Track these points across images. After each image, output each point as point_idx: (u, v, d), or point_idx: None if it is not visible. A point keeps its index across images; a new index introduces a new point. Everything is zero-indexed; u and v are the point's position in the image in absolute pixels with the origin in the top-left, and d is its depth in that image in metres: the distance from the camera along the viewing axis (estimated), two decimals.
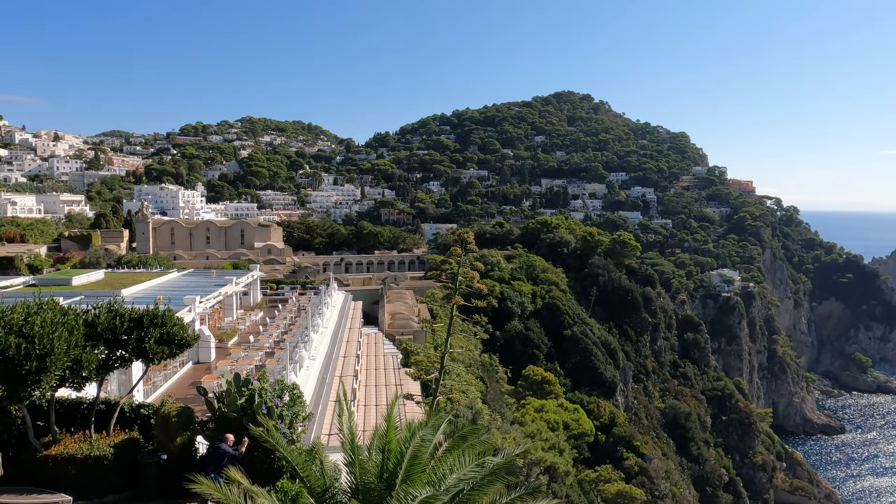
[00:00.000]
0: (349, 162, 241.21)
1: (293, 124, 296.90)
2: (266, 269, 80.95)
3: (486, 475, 8.99)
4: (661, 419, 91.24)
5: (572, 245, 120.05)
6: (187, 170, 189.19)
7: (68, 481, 12.81)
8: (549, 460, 45.81)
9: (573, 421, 62.05)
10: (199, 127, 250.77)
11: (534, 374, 71.27)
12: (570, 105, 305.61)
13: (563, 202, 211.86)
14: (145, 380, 21.08)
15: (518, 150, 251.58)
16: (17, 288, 32.00)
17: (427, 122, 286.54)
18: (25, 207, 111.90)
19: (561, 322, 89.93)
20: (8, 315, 11.74)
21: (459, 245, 28.04)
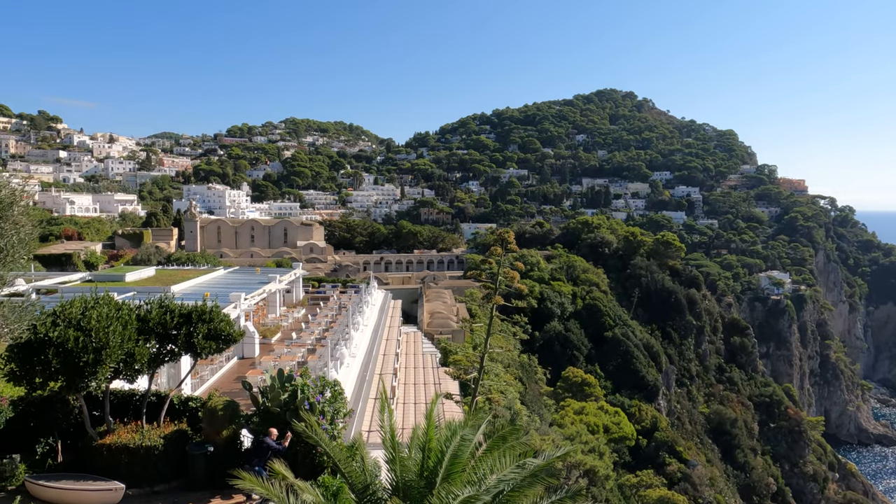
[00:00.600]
0: (389, 162, 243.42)
1: (335, 125, 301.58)
2: (308, 268, 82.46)
3: (526, 476, 8.91)
4: (705, 425, 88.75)
5: (614, 245, 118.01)
6: (233, 170, 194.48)
7: (121, 469, 13.30)
8: (588, 463, 45.13)
9: (614, 424, 60.98)
10: (244, 128, 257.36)
11: (573, 375, 70.38)
12: (612, 103, 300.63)
13: (604, 202, 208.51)
14: (193, 374, 21.75)
15: (559, 149, 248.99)
16: (74, 283, 33.45)
17: (467, 122, 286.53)
18: (83, 206, 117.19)
19: (602, 323, 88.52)
20: (67, 309, 12.27)
21: (500, 245, 27.90)
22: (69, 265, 69.97)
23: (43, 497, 12.62)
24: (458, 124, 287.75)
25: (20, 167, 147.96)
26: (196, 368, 22.95)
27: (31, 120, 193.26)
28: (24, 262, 7.94)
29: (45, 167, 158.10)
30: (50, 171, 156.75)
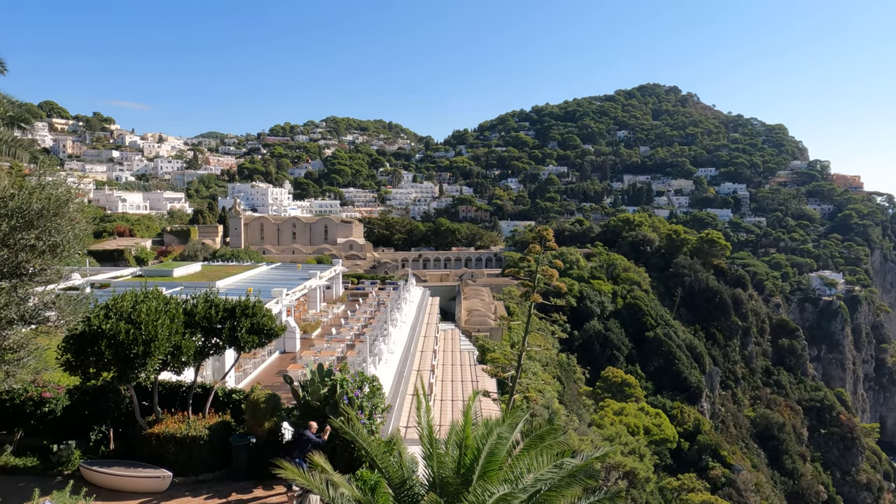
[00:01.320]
0: (428, 159, 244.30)
1: (374, 123, 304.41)
2: (347, 264, 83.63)
3: (564, 477, 8.81)
4: (750, 429, 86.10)
5: (656, 243, 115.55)
6: (276, 168, 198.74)
7: (168, 458, 13.77)
8: (628, 465, 44.36)
9: (655, 426, 59.75)
10: (286, 127, 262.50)
11: (613, 375, 69.30)
12: (655, 98, 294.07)
13: (646, 199, 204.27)
14: (237, 367, 22.30)
15: (599, 145, 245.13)
16: (125, 278, 34.78)
17: (506, 119, 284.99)
18: (134, 204, 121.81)
19: (643, 323, 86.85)
20: (119, 303, 12.77)
21: (538, 242, 27.66)
22: (121, 260, 72.89)
23: (96, 482, 13.18)
24: (496, 121, 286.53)
25: (76, 166, 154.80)
26: (239, 362, 23.54)
27: (87, 121, 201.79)
28: (79, 257, 8.30)
29: (100, 166, 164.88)
30: (104, 170, 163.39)
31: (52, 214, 7.06)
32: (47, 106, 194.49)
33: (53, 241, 7.19)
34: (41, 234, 7.05)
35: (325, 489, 9.00)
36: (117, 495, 12.90)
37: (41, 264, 7.17)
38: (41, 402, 14.71)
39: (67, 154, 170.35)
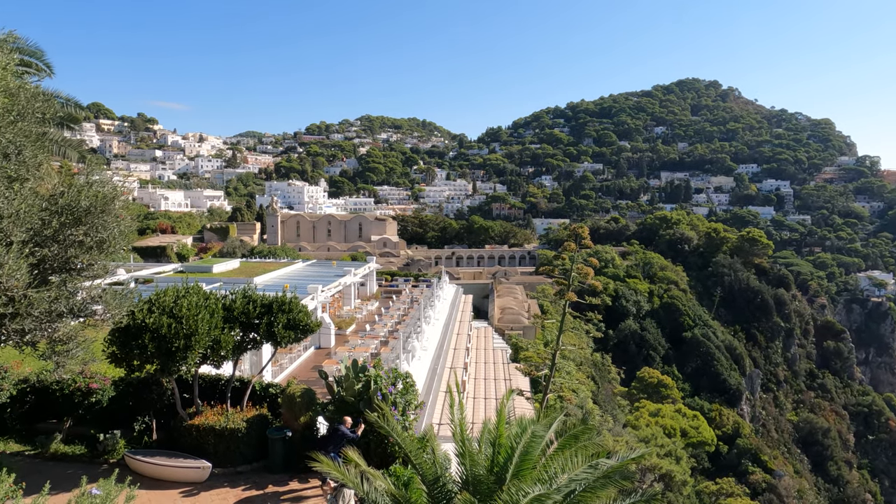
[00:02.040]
0: (461, 157, 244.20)
1: (408, 121, 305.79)
2: (381, 262, 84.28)
3: (598, 477, 8.69)
4: (793, 433, 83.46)
5: (694, 242, 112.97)
6: (311, 167, 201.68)
7: (208, 449, 14.11)
8: (664, 467, 43.55)
9: (692, 428, 58.49)
10: (322, 126, 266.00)
11: (649, 376, 68.09)
12: (694, 93, 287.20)
13: (684, 196, 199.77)
14: (273, 361, 22.74)
15: (636, 141, 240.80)
16: (168, 273, 35.81)
17: (540, 116, 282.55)
18: (175, 202, 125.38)
19: (680, 323, 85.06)
20: (161, 298, 13.14)
21: (573, 240, 27.34)
22: (163, 257, 75.13)
23: (139, 471, 13.61)
24: (531, 118, 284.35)
25: (122, 166, 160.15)
26: (276, 356, 23.98)
27: (132, 122, 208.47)
28: (123, 253, 8.58)
29: (143, 165, 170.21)
30: (147, 169, 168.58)
31: (100, 212, 7.31)
32: (95, 107, 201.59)
33: (100, 237, 7.45)
34: (89, 230, 7.32)
35: (359, 483, 9.09)
36: (159, 484, 13.29)
37: (89, 260, 7.44)
38: (89, 393, 15.26)
39: (113, 154, 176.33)
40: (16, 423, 15.56)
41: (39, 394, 15.53)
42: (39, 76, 14.41)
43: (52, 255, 7.10)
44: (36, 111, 7.16)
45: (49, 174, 7.79)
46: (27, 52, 13.68)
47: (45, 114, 7.49)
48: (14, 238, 5.91)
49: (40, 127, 7.32)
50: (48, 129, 7.62)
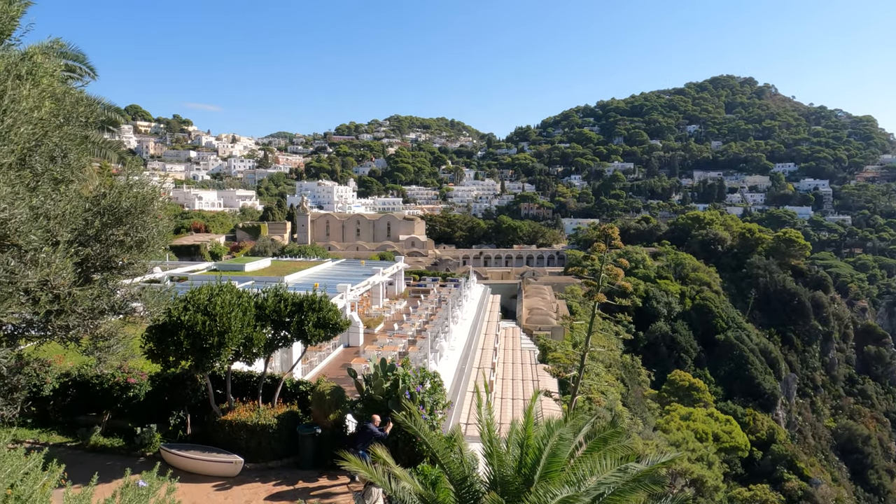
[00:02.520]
0: (490, 157, 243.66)
1: (437, 121, 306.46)
2: (409, 261, 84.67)
3: (628, 481, 8.60)
4: (831, 440, 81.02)
5: (728, 242, 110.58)
6: (341, 167, 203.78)
7: (240, 444, 14.40)
8: (695, 472, 42.72)
9: (725, 433, 57.25)
10: (351, 126, 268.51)
11: (680, 379, 66.91)
12: (728, 90, 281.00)
13: (718, 196, 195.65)
14: (303, 359, 23.05)
15: (668, 140, 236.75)
16: (201, 272, 36.61)
17: (569, 115, 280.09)
18: (209, 202, 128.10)
19: (713, 325, 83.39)
20: (196, 295, 13.47)
21: (603, 240, 27.05)
22: (197, 255, 76.86)
23: (174, 464, 13.97)
24: (560, 117, 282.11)
25: (158, 166, 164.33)
26: (306, 354, 24.31)
27: (167, 123, 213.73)
28: (161, 252, 8.84)
29: (178, 166, 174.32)
30: (182, 169, 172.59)
31: (139, 212, 7.57)
32: (132, 109, 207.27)
33: (140, 237, 7.71)
34: (129, 230, 7.58)
35: (387, 482, 9.18)
36: (193, 477, 13.62)
37: (129, 259, 7.71)
38: (127, 388, 15.74)
39: (150, 154, 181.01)
40: (58, 415, 16.15)
41: (80, 387, 16.09)
42: (83, 81, 14.94)
43: (94, 255, 7.37)
44: (80, 115, 7.45)
45: (92, 176, 8.07)
46: (71, 58, 14.21)
47: (88, 118, 7.79)
48: (60, 238, 6.16)
49: (84, 130, 7.61)
50: (91, 132, 7.93)
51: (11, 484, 3.53)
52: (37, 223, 5.59)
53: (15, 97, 5.06)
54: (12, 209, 5.02)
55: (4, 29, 6.87)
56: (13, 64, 6.02)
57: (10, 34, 7.00)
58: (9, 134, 4.93)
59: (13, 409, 7.26)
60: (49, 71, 6.57)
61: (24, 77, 5.82)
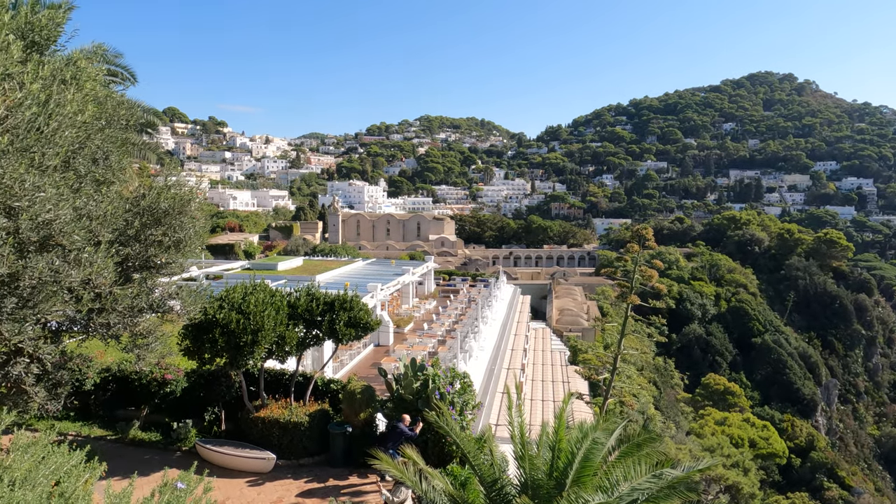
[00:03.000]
0: (520, 156, 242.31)
1: (467, 121, 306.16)
2: (439, 261, 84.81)
3: (662, 487, 8.42)
4: (875, 448, 78.18)
5: (765, 243, 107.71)
6: (371, 167, 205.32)
7: (272, 441, 14.60)
8: (730, 479, 41.71)
9: (762, 439, 55.79)
10: (382, 127, 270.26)
11: (715, 382, 65.42)
12: (766, 87, 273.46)
13: (755, 195, 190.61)
14: (334, 358, 23.27)
15: (703, 139, 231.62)
16: (235, 271, 37.30)
17: (601, 113, 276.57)
18: (243, 202, 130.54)
19: (749, 328, 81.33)
20: (231, 294, 13.72)
21: (637, 241, 26.61)
22: (231, 254, 78.42)
23: (209, 459, 14.25)
24: (591, 116, 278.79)
25: (194, 167, 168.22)
26: (337, 353, 24.55)
27: (203, 125, 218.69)
28: (197, 252, 9.02)
29: (214, 167, 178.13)
30: (217, 170, 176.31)
31: (177, 213, 7.75)
32: (170, 111, 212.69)
33: (178, 237, 7.88)
34: (168, 230, 7.76)
35: (417, 481, 9.18)
36: (227, 473, 13.87)
37: (167, 258, 7.89)
38: (164, 384, 16.14)
39: (187, 155, 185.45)
40: (99, 409, 16.66)
41: (120, 383, 16.56)
42: (124, 84, 15.38)
43: (134, 254, 7.57)
44: (121, 118, 7.66)
45: (132, 177, 8.31)
46: (112, 63, 14.67)
47: (128, 120, 7.99)
48: (102, 238, 6.33)
49: (124, 133, 7.83)
50: (131, 134, 8.16)
51: (56, 481, 3.64)
52: (80, 224, 5.76)
53: (60, 101, 5.21)
54: (57, 210, 5.17)
55: (50, 35, 7.10)
56: (58, 69, 6.21)
57: (55, 40, 7.23)
58: (54, 137, 5.09)
59: (57, 403, 7.50)
60: (92, 75, 6.77)
61: (69, 82, 6.00)
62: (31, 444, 3.84)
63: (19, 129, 4.59)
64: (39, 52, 6.94)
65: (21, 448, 3.72)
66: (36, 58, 6.25)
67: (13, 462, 3.55)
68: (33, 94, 4.72)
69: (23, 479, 3.44)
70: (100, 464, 4.27)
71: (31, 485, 3.43)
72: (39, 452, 3.77)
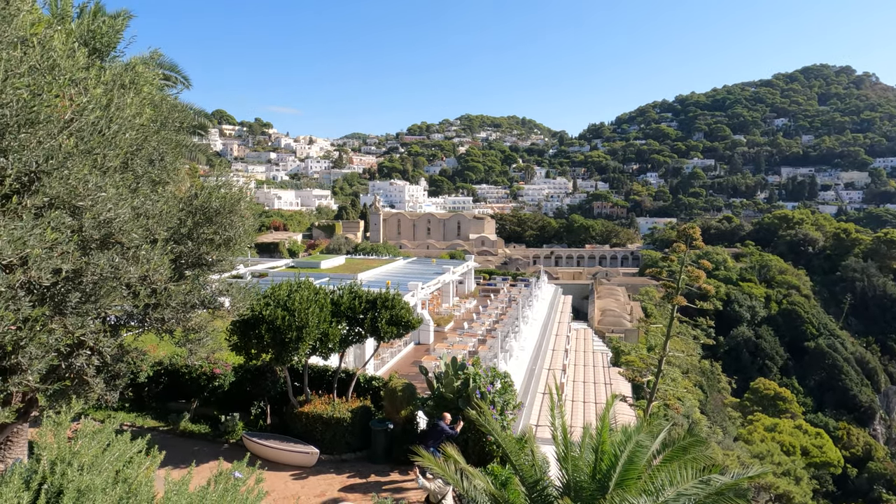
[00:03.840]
0: (562, 155, 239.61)
1: (508, 119, 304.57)
2: (479, 260, 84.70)
3: (710, 494, 8.20)
4: None
5: (820, 243, 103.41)
6: (412, 166, 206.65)
7: (315, 436, 14.89)
8: (781, 487, 40.24)
9: (815, 447, 53.59)
10: (423, 126, 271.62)
11: (764, 387, 63.21)
12: (822, 80, 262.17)
13: (808, 193, 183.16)
14: (376, 355, 23.54)
15: (752, 135, 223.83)
16: (280, 269, 38.16)
17: (646, 110, 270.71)
18: (287, 201, 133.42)
19: (801, 332, 78.24)
20: (276, 291, 14.06)
21: (683, 240, 25.95)
22: (276, 252, 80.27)
23: (255, 452, 14.63)
24: (635, 113, 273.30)
25: (241, 167, 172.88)
26: (378, 351, 24.83)
27: (249, 127, 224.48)
28: (246, 250, 9.29)
29: (259, 167, 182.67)
30: (263, 170, 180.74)
31: (227, 212, 8.01)
32: (218, 114, 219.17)
33: (228, 235, 8.15)
34: (218, 229, 8.03)
35: (458, 479, 9.20)
36: (272, 466, 14.21)
37: (218, 256, 8.16)
38: (213, 378, 16.67)
39: (234, 156, 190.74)
40: (152, 401, 17.34)
41: (171, 376, 17.19)
42: (177, 88, 15.98)
43: (187, 252, 7.86)
44: (175, 121, 7.97)
45: (184, 178, 8.64)
46: (167, 68, 15.28)
47: (181, 123, 8.30)
48: (158, 236, 6.60)
49: (178, 135, 8.13)
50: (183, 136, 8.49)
51: (119, 468, 3.85)
52: (138, 222, 6.02)
53: (120, 105, 5.46)
54: (117, 209, 5.42)
55: (110, 42, 7.44)
56: (118, 74, 6.50)
57: (115, 47, 7.57)
58: (114, 139, 5.33)
59: (114, 394, 7.84)
60: (149, 80, 7.06)
61: (128, 86, 6.28)
62: (96, 432, 4.07)
63: (84, 132, 4.83)
64: (101, 59, 7.29)
65: (88, 435, 3.94)
66: (98, 64, 6.56)
67: (81, 448, 3.77)
68: (96, 99, 4.96)
69: (90, 464, 3.65)
70: (160, 452, 4.47)
71: (98, 470, 3.64)
72: (104, 440, 3.99)
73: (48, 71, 4.44)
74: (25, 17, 4.57)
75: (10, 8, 4.44)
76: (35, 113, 4.23)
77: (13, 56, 4.24)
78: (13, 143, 4.23)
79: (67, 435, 4.04)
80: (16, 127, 4.20)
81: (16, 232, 4.18)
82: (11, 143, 4.25)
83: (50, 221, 4.63)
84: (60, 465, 3.63)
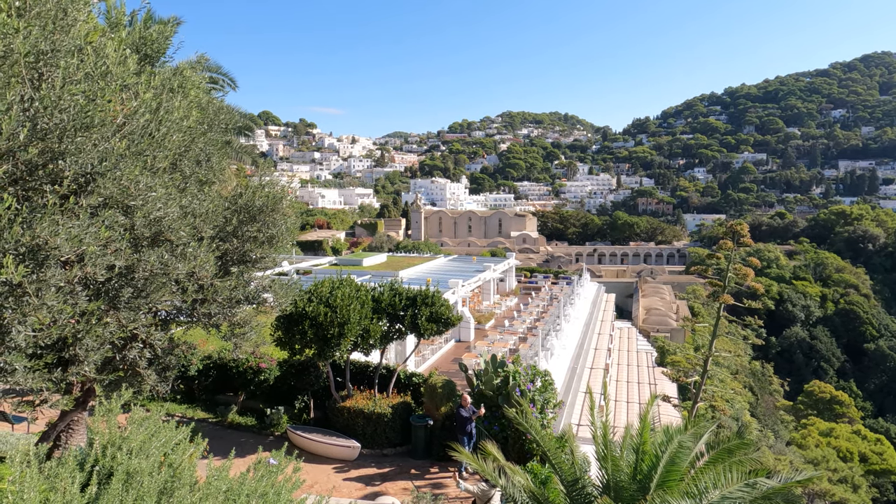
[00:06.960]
0: (605, 150, 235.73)
1: (549, 115, 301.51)
2: (520, 258, 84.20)
3: (757, 498, 7.95)
4: None
5: (881, 240, 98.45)
6: (453, 164, 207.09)
7: (357, 430, 15.16)
8: (837, 495, 38.55)
9: (875, 454, 51.12)
10: (464, 124, 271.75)
11: (820, 390, 60.66)
12: (883, 69, 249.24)
13: (868, 188, 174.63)
14: (416, 352, 23.73)
15: (807, 127, 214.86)
16: (323, 266, 38.90)
17: (693, 104, 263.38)
18: (330, 200, 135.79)
19: (860, 333, 74.79)
20: (319, 288, 14.36)
21: (730, 237, 25.16)
22: (320, 250, 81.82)
23: (298, 444, 15.01)
24: (682, 107, 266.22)
25: (286, 167, 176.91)
26: (419, 347, 25.02)
27: (294, 127, 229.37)
28: (288, 248, 9.54)
29: (304, 167, 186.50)
30: (307, 169, 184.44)
31: (271, 210, 8.26)
32: (264, 115, 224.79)
33: (271, 233, 8.40)
34: (262, 227, 8.29)
35: (496, 476, 9.21)
36: (315, 458, 14.55)
37: (261, 253, 8.43)
38: (258, 372, 17.17)
39: (279, 157, 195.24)
40: (201, 393, 17.99)
41: (219, 370, 17.79)
42: (224, 91, 16.53)
43: (232, 249, 8.14)
44: (221, 123, 8.27)
45: (230, 177, 8.95)
46: (214, 71, 15.85)
47: (227, 125, 8.59)
48: (204, 234, 6.87)
49: (224, 136, 8.43)
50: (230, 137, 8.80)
51: (165, 453, 4.07)
52: (185, 221, 6.28)
53: (168, 108, 5.71)
54: (166, 208, 5.68)
55: (160, 48, 7.77)
56: (167, 79, 6.79)
57: (164, 52, 7.90)
58: (164, 141, 5.58)
59: (166, 385, 8.18)
60: (196, 84, 7.34)
61: (176, 90, 6.55)
62: (144, 419, 4.31)
63: (134, 135, 5.09)
64: (151, 64, 7.62)
65: (136, 422, 4.19)
66: (148, 69, 6.86)
67: (130, 434, 4.01)
68: (146, 103, 5.20)
69: (138, 448, 3.88)
70: (203, 440, 4.68)
71: (146, 454, 3.86)
72: (152, 427, 4.22)
73: (101, 77, 4.69)
74: (82, 27, 4.83)
75: (69, 18, 4.71)
76: (90, 117, 4.48)
77: (70, 64, 4.50)
78: (70, 146, 4.49)
79: (118, 422, 4.30)
80: (73, 131, 4.46)
81: (73, 230, 4.43)
82: (69, 147, 4.51)
83: (104, 220, 4.89)
84: (111, 448, 3.88)
